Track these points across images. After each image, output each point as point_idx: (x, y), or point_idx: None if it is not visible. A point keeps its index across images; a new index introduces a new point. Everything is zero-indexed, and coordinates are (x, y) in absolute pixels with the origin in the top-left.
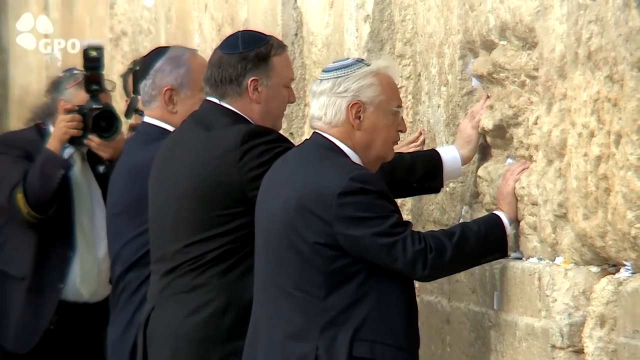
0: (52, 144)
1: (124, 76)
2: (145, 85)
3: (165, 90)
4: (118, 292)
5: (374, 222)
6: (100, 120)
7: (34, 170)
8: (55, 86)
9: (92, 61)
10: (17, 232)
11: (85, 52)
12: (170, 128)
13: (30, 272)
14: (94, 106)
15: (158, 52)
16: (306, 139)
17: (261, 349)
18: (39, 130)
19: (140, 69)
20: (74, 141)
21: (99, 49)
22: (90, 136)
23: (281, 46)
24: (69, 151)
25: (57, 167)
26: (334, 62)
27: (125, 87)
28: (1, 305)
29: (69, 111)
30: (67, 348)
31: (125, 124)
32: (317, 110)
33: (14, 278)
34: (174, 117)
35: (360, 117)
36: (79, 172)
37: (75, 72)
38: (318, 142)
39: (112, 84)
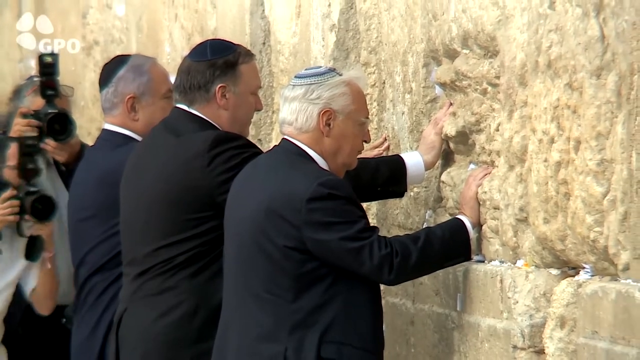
0: (11, 151)
1: None
2: (107, 92)
3: (128, 99)
4: (83, 295)
5: (341, 227)
6: (54, 123)
7: None
8: (15, 94)
9: (47, 67)
10: None
11: (40, 58)
12: (132, 134)
13: None
14: (49, 110)
15: (119, 61)
16: (275, 145)
17: (231, 350)
18: (2, 137)
19: (101, 77)
20: (30, 145)
21: (54, 55)
22: (47, 140)
23: (249, 54)
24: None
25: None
26: (306, 69)
27: None
28: None
29: (24, 115)
30: (34, 349)
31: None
32: (288, 115)
33: None
34: (135, 124)
35: (330, 125)
36: (44, 177)
37: (34, 79)
38: (287, 148)
39: (70, 89)
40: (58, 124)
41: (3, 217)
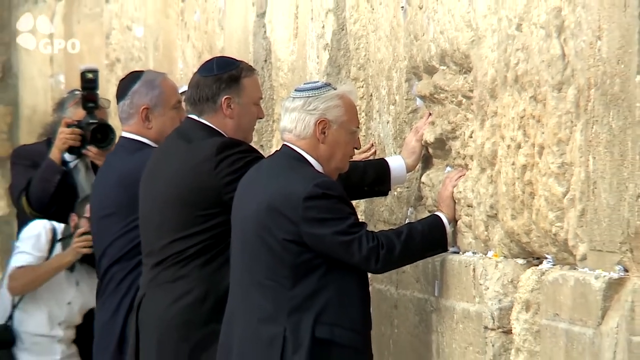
0: (53, 153)
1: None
2: (123, 104)
3: (142, 109)
4: (105, 283)
5: (334, 223)
6: (97, 132)
7: (36, 175)
8: (59, 106)
9: (89, 82)
10: None
11: (83, 74)
12: (147, 141)
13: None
14: (90, 121)
15: (134, 76)
16: (276, 150)
17: (237, 331)
18: (48, 144)
19: (118, 91)
20: (73, 151)
21: (95, 71)
22: (89, 147)
23: (251, 69)
24: (74, 162)
25: (55, 173)
26: (305, 84)
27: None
28: None
29: (68, 125)
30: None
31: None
32: (289, 123)
33: None
34: (149, 132)
35: (325, 133)
36: (83, 178)
37: (75, 92)
38: (287, 153)
39: (107, 102)
40: (100, 133)
41: (78, 249)
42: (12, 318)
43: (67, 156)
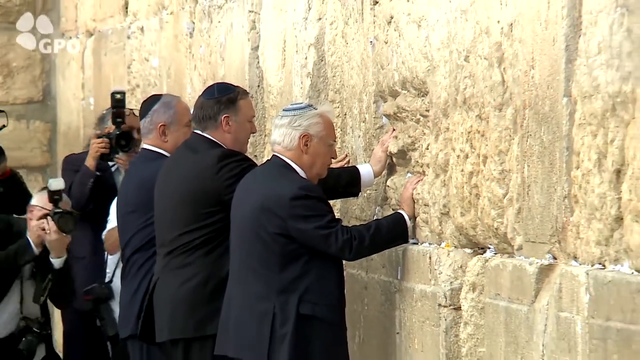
0: (88, 161)
1: None
2: (145, 122)
3: (160, 126)
4: (127, 268)
5: (315, 219)
6: (120, 139)
7: (75, 180)
8: (100, 121)
9: (118, 102)
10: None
11: (113, 95)
12: (163, 152)
13: (89, 251)
14: (117, 132)
15: (154, 99)
16: (268, 160)
17: (234, 308)
18: None
19: (141, 110)
20: (103, 157)
21: (123, 92)
22: (117, 156)
23: (246, 93)
24: (114, 166)
25: (89, 177)
26: (291, 105)
27: None
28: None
29: (99, 136)
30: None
31: None
32: (278, 137)
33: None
34: (165, 145)
35: (307, 145)
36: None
37: (113, 110)
38: (276, 162)
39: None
40: (124, 139)
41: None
42: (114, 277)
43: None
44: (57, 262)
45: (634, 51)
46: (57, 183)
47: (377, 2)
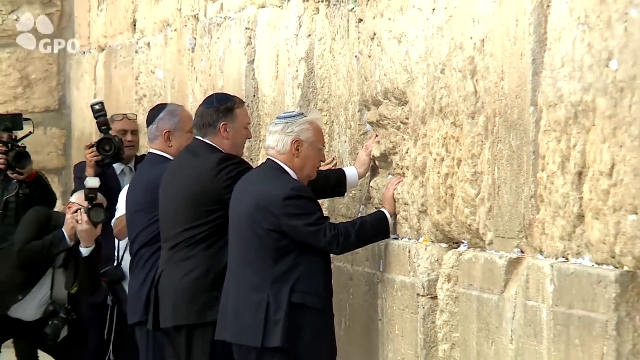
0: (87, 170)
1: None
2: (151, 128)
3: (165, 132)
4: (135, 261)
5: (305, 217)
6: (105, 145)
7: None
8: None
9: (97, 112)
10: None
11: (92, 107)
12: (168, 156)
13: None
14: (102, 137)
15: (160, 108)
16: (262, 163)
17: (232, 297)
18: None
19: (147, 118)
20: (99, 164)
21: (100, 103)
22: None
23: (242, 102)
24: (119, 168)
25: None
26: (284, 113)
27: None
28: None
29: (89, 146)
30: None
31: None
32: (272, 142)
33: None
34: (170, 149)
35: (298, 149)
36: (128, 179)
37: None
38: (270, 165)
39: (134, 115)
40: (107, 145)
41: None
42: (122, 259)
43: (116, 165)
44: (85, 250)
45: (594, 64)
46: (93, 182)
47: (361, 20)
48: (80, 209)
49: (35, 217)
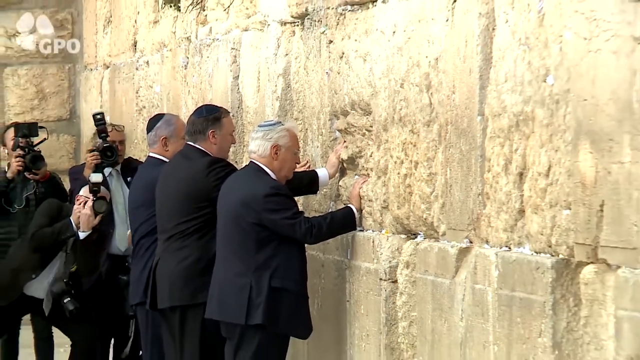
0: (85, 171)
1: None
2: (150, 135)
3: (162, 139)
4: (136, 250)
5: (283, 212)
6: (107, 151)
7: (76, 187)
8: (94, 135)
9: (98, 120)
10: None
11: (94, 116)
12: (164, 159)
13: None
14: (104, 145)
15: (158, 117)
16: (246, 165)
17: (219, 282)
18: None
19: (148, 126)
20: (98, 166)
21: (102, 113)
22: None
23: (228, 112)
24: (107, 170)
25: (85, 184)
26: (265, 122)
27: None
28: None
29: (91, 150)
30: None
31: None
32: (254, 147)
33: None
34: (166, 153)
35: (277, 153)
36: (115, 181)
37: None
38: (253, 167)
39: (122, 127)
40: (109, 151)
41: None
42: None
43: (106, 170)
44: (82, 234)
45: (533, 79)
46: (96, 177)
47: (331, 42)
48: (87, 200)
49: (48, 208)
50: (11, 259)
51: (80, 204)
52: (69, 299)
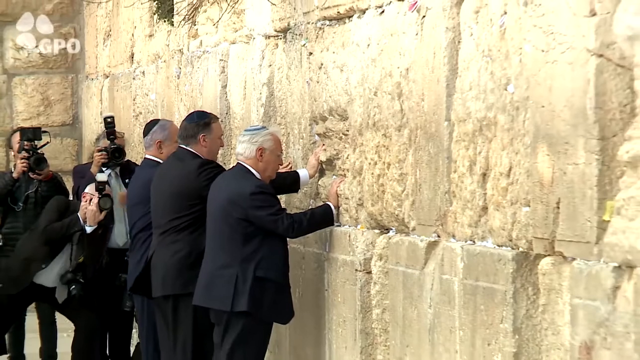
0: (93, 169)
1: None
2: (147, 139)
3: (157, 142)
4: (134, 243)
5: (267, 209)
6: (115, 152)
7: (82, 183)
8: (97, 140)
9: (109, 124)
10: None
11: (105, 119)
12: (159, 160)
13: None
14: (112, 146)
15: (153, 122)
16: (233, 166)
17: (208, 272)
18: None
19: (144, 130)
20: (104, 165)
21: (112, 117)
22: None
23: (217, 118)
24: (108, 172)
25: (92, 181)
26: (250, 127)
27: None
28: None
29: (99, 150)
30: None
31: None
32: (240, 150)
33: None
34: (161, 155)
35: (262, 156)
36: (114, 181)
37: (104, 131)
38: (240, 167)
39: (122, 134)
40: (117, 152)
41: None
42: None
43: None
44: (89, 229)
45: (495, 88)
46: (102, 176)
47: (311, 54)
48: (92, 197)
49: (57, 204)
50: (21, 250)
51: (86, 201)
52: (74, 286)
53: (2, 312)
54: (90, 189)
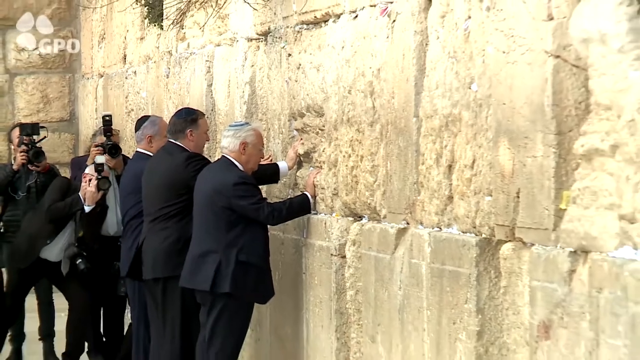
0: (89, 162)
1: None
2: (138, 133)
3: (148, 137)
4: (126, 230)
5: (249, 198)
6: (112, 149)
7: (79, 174)
8: (93, 136)
9: (106, 122)
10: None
11: (103, 117)
12: (149, 153)
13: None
14: (108, 142)
15: (144, 118)
16: (218, 159)
17: (194, 257)
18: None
19: (136, 126)
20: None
21: (110, 115)
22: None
23: (203, 114)
24: (106, 155)
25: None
26: (234, 122)
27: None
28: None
29: (96, 145)
30: (103, 256)
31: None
32: (225, 144)
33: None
34: (151, 149)
35: (245, 149)
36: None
37: (100, 127)
38: (224, 160)
39: (117, 131)
40: (113, 149)
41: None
42: None
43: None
44: (87, 208)
45: (460, 87)
46: (101, 159)
47: (290, 55)
48: (92, 178)
49: (59, 185)
50: (27, 228)
51: (86, 182)
52: (80, 260)
53: (15, 289)
54: (90, 169)
